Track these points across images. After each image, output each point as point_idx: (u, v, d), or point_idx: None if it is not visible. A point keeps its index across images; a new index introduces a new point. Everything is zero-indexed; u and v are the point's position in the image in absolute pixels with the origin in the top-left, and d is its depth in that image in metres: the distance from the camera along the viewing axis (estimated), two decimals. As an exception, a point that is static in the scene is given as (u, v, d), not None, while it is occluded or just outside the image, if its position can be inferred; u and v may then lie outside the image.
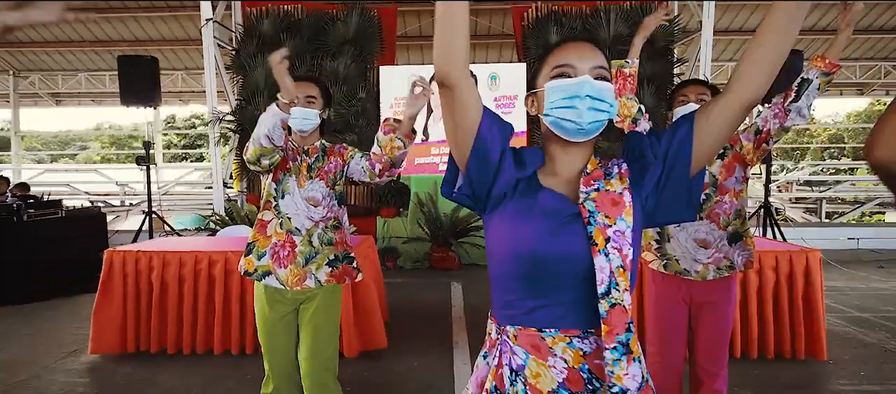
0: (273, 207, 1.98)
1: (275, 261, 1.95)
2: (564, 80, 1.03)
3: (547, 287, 0.98)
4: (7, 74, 11.97)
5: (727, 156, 2.08)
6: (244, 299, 3.56)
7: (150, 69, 6.44)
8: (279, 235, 1.96)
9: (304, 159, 2.02)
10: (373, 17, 7.51)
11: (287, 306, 1.99)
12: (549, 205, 1.00)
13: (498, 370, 1.01)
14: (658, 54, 7.22)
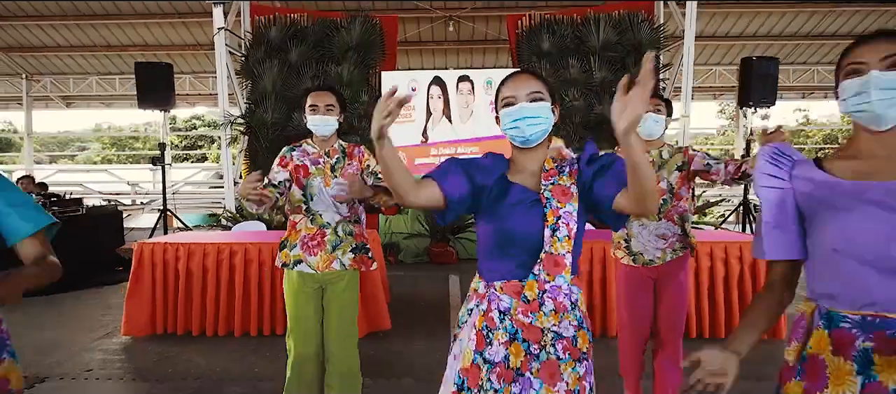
0: (303, 211, 2.33)
1: (305, 250, 2.30)
2: (509, 109, 1.40)
3: (516, 249, 1.37)
4: (20, 77, 12.29)
5: (684, 170, 2.46)
6: (262, 286, 3.92)
7: (165, 75, 6.82)
8: (310, 229, 2.31)
9: (327, 161, 2.35)
10: (375, 25, 7.84)
11: (315, 283, 2.35)
12: (518, 196, 1.39)
13: (487, 313, 1.38)
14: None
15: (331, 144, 2.39)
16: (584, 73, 7.58)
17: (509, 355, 1.34)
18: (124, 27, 10.84)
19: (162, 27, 10.86)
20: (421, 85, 7.73)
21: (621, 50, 7.56)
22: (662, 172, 2.47)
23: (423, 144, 7.67)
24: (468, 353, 1.37)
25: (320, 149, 2.38)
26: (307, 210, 2.32)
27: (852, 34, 11.13)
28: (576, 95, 7.57)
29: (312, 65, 7.68)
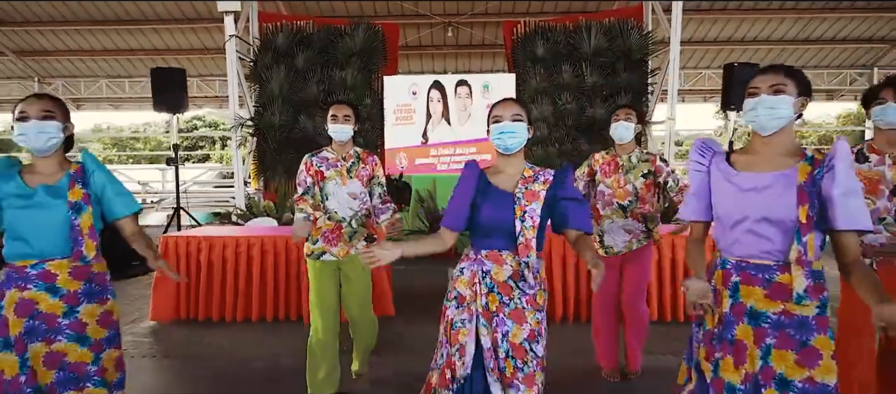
0: (322, 209, 2.73)
1: (326, 242, 2.71)
2: (497, 125, 1.86)
3: (496, 233, 1.86)
4: (32, 80, 12.63)
5: (649, 178, 2.87)
6: (277, 275, 4.26)
7: (179, 79, 7.15)
8: (328, 225, 2.72)
9: (344, 164, 2.74)
10: (377, 32, 8.18)
11: (335, 267, 2.77)
12: (495, 195, 1.87)
13: (475, 275, 1.86)
14: (634, 65, 7.94)
15: (347, 149, 2.78)
16: (577, 78, 7.93)
17: (488, 303, 1.84)
18: (134, 33, 11.19)
19: (171, 33, 11.21)
20: (421, 89, 8.08)
21: (612, 56, 7.90)
22: (629, 175, 2.89)
23: (423, 144, 8.02)
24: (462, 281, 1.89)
25: (338, 154, 2.76)
26: (324, 209, 2.72)
27: (836, 38, 11.53)
28: (569, 99, 7.92)
29: (318, 70, 8.02)
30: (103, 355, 1.87)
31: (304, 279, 4.22)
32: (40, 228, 1.76)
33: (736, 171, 1.61)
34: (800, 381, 1.46)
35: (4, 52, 11.66)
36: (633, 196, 2.88)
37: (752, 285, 1.55)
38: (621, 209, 2.91)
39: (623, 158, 2.91)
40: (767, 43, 11.64)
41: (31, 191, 1.76)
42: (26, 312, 1.74)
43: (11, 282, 1.76)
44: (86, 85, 12.92)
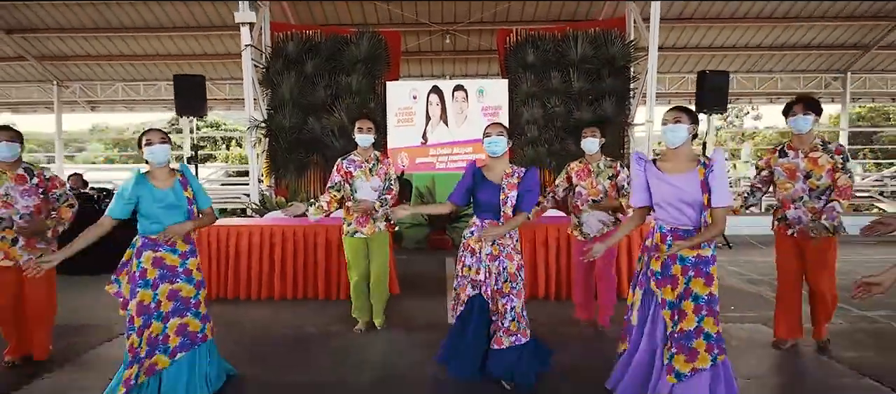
0: (352, 199, 3.56)
1: (358, 224, 3.63)
2: (487, 138, 2.79)
3: (489, 209, 2.64)
4: (51, 83, 13.15)
5: (613, 180, 3.60)
6: (296, 258, 4.84)
7: (199, 86, 7.71)
8: (362, 215, 3.56)
9: (367, 165, 3.62)
10: (380, 40, 8.75)
11: (364, 241, 3.60)
12: (488, 185, 2.68)
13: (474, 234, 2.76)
14: (618, 71, 8.52)
15: (369, 153, 3.63)
16: (565, 83, 8.51)
17: (492, 250, 2.79)
18: (150, 39, 11.72)
19: (185, 39, 11.75)
20: (421, 93, 8.65)
21: (597, 63, 8.48)
22: (599, 178, 3.68)
23: (422, 145, 8.59)
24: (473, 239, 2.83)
25: (362, 157, 3.61)
26: (354, 199, 3.55)
27: (811, 45, 12.13)
28: (557, 103, 8.51)
29: (325, 76, 8.58)
30: (199, 292, 2.75)
31: (321, 264, 4.83)
32: (171, 216, 2.65)
33: (662, 172, 2.41)
34: (704, 295, 2.36)
35: (26, 57, 12.16)
36: (603, 193, 3.65)
37: (678, 239, 2.40)
38: (594, 204, 3.66)
39: (593, 165, 3.70)
40: (746, 49, 12.23)
41: (163, 193, 2.65)
42: (158, 264, 2.63)
43: (147, 247, 2.64)
44: (102, 88, 13.44)
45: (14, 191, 3.02)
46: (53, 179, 3.21)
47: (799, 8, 10.86)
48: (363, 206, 3.52)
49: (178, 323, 2.64)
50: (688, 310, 2.35)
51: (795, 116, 3.15)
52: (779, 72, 13.12)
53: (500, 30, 9.21)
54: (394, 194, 3.70)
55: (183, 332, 2.64)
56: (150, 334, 2.56)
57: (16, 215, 3.03)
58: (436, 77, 12.31)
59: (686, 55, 12.52)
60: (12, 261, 3.05)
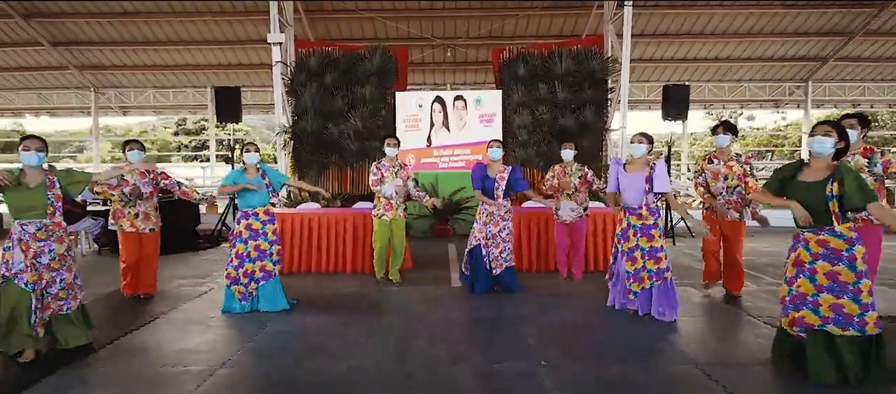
0: (380, 189, 4.73)
1: (384, 210, 4.70)
2: (490, 149, 3.98)
3: (488, 194, 4.05)
4: (89, 90, 14.18)
5: (581, 178, 4.85)
6: (329, 240, 5.89)
7: (236, 96, 8.75)
8: (385, 204, 4.73)
9: (392, 169, 4.76)
10: (390, 56, 9.76)
11: (388, 223, 4.73)
12: (490, 179, 4.10)
13: (484, 212, 4.47)
14: (597, 83, 9.56)
15: (395, 160, 4.88)
16: (551, 94, 9.54)
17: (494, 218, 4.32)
18: (181, 51, 12.78)
19: (213, 52, 12.80)
20: (426, 102, 9.69)
21: (579, 76, 9.51)
22: (571, 178, 4.83)
23: (427, 147, 9.63)
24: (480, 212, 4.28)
25: (390, 163, 4.83)
26: (380, 192, 4.76)
27: (775, 57, 13.18)
28: (544, 111, 9.55)
29: (342, 87, 9.60)
30: (273, 247, 4.20)
31: (350, 243, 5.90)
32: (258, 197, 4.04)
33: (625, 172, 3.71)
34: (646, 247, 3.78)
35: (68, 67, 13.21)
36: (574, 188, 4.95)
37: (633, 216, 3.80)
38: (568, 197, 4.94)
39: (568, 168, 5.03)
40: (716, 61, 13.30)
41: (250, 180, 3.85)
42: (250, 229, 4.05)
43: (244, 217, 4.09)
44: (135, 94, 14.48)
45: (139, 182, 4.11)
46: (163, 173, 4.38)
47: (762, 25, 11.94)
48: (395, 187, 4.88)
49: (260, 265, 4.13)
50: (636, 256, 3.83)
51: (718, 135, 4.31)
52: (747, 81, 14.19)
53: (495, 48, 10.25)
54: (419, 193, 5.14)
55: (263, 269, 4.15)
56: (245, 271, 4.11)
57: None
58: (437, 85, 13.38)
59: (663, 66, 13.57)
60: (135, 228, 4.38)
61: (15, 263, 3.08)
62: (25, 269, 3.08)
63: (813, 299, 2.77)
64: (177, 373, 3.00)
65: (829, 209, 2.68)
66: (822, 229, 2.74)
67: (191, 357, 3.24)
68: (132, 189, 4.33)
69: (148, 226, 4.42)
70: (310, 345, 3.46)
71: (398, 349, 3.38)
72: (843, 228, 2.70)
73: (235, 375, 2.98)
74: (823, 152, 2.72)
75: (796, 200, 2.78)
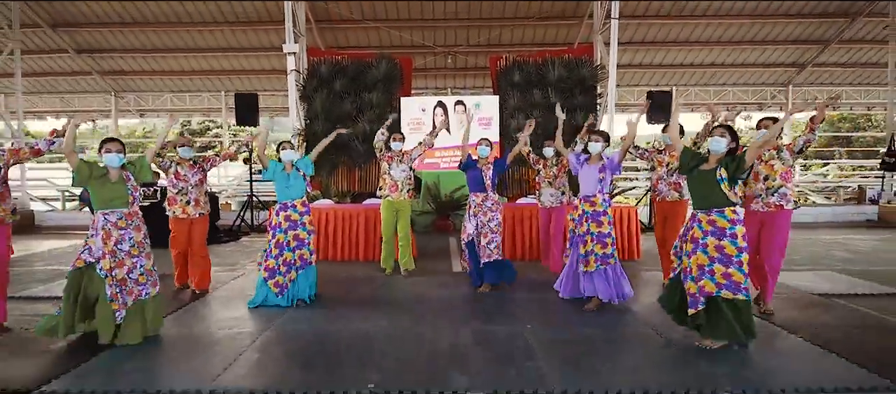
0: (388, 174, 5.29)
1: (391, 191, 5.26)
2: (479, 146, 4.57)
3: (478, 185, 4.55)
4: (109, 94, 14.85)
5: (559, 164, 5.32)
6: (342, 232, 6.56)
7: (253, 101, 9.42)
8: (391, 185, 5.27)
9: (399, 157, 5.32)
10: (396, 64, 10.42)
11: (394, 205, 5.31)
12: (477, 169, 4.56)
13: (473, 203, 4.59)
14: (587, 90, 10.23)
15: (401, 152, 5.39)
16: (544, 99, 10.19)
17: (481, 209, 4.47)
18: (197, 58, 13.44)
19: (227, 58, 13.47)
20: (428, 107, 10.36)
21: (570, 83, 10.17)
22: (552, 169, 5.38)
23: (430, 147, 10.29)
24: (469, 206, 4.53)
25: (396, 154, 5.37)
26: (390, 175, 5.34)
27: (757, 63, 13.84)
28: (538, 115, 10.19)
29: (351, 93, 10.25)
30: (310, 237, 4.50)
31: (361, 235, 6.58)
32: (293, 189, 4.35)
33: (588, 164, 4.16)
34: (595, 232, 4.10)
35: (91, 72, 13.87)
36: (554, 177, 5.51)
37: (587, 203, 4.12)
38: (549, 185, 5.53)
39: (548, 161, 5.60)
40: (701, 67, 13.96)
41: (288, 174, 4.33)
42: (289, 219, 4.31)
43: (282, 208, 4.38)
44: (153, 98, 15.15)
45: (188, 172, 4.73)
46: (205, 158, 4.94)
47: (742, 34, 12.61)
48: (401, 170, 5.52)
49: (299, 253, 4.41)
50: (587, 240, 4.16)
51: (664, 135, 4.96)
52: (731, 85, 14.86)
53: (492, 56, 10.90)
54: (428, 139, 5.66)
55: (302, 258, 4.44)
56: (284, 259, 4.35)
57: (190, 186, 4.74)
58: (439, 89, 14.05)
59: (651, 71, 14.23)
60: (187, 215, 4.76)
61: (96, 249, 3.39)
62: (103, 256, 3.37)
63: (709, 269, 3.27)
64: (233, 334, 3.68)
65: (721, 190, 3.23)
66: (711, 211, 3.29)
67: (241, 323, 3.93)
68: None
69: (198, 211, 4.79)
70: (334, 314, 4.15)
71: (409, 317, 4.07)
72: (728, 212, 3.24)
73: (279, 334, 3.67)
74: (719, 150, 3.28)
75: (695, 185, 3.38)
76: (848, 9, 11.83)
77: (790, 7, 11.79)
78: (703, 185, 3.33)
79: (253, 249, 7.75)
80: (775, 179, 3.95)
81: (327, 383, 2.84)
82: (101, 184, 3.45)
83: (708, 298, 3.28)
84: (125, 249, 3.47)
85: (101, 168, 3.47)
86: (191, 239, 4.85)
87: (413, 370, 3.02)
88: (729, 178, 3.21)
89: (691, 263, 3.34)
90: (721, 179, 3.22)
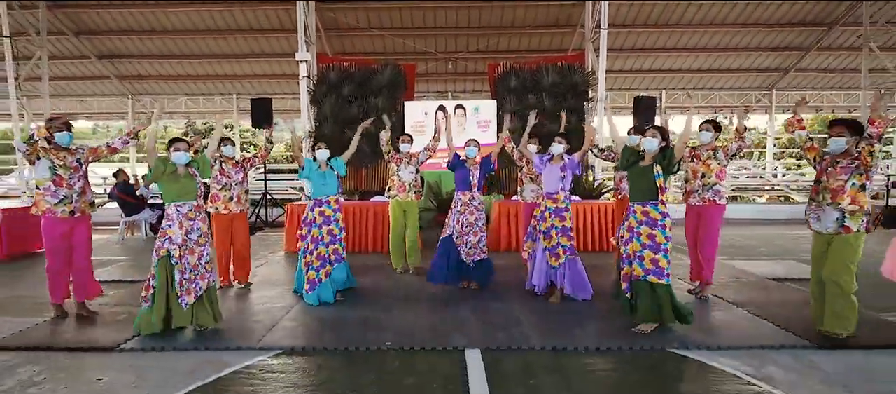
0: (396, 175, 5.76)
1: (399, 192, 5.71)
2: (466, 148, 5.00)
3: (464, 184, 4.98)
4: (126, 97, 15.47)
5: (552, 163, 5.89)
6: (353, 226, 7.20)
7: (268, 105, 10.04)
8: (399, 185, 5.73)
9: (407, 158, 5.76)
10: (400, 70, 11.04)
11: (402, 205, 5.78)
12: (464, 168, 5.00)
13: (458, 201, 5.00)
14: (579, 94, 10.85)
15: (409, 153, 5.83)
16: (539, 103, 10.80)
17: (466, 208, 4.90)
18: (212, 63, 14.07)
19: (240, 64, 14.10)
20: (430, 111, 10.98)
21: (563, 88, 10.78)
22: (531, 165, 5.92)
23: (435, 151, 10.92)
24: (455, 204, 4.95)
25: (404, 156, 5.82)
26: (398, 176, 5.77)
27: (741, 68, 14.45)
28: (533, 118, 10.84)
29: (358, 98, 10.87)
30: (342, 233, 4.74)
31: (370, 229, 7.21)
32: (328, 186, 4.70)
33: (550, 164, 4.63)
34: (559, 226, 4.49)
35: (109, 76, 14.50)
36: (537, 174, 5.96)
37: (550, 200, 4.54)
38: (531, 181, 5.97)
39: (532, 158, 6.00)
40: (689, 72, 14.59)
41: (323, 173, 4.74)
42: (323, 215, 4.65)
43: (316, 205, 4.64)
44: (169, 100, 15.78)
45: (231, 170, 5.29)
46: (250, 159, 5.33)
47: (726, 41, 13.24)
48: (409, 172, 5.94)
49: (332, 248, 4.61)
50: (552, 234, 4.44)
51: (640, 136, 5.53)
52: (718, 89, 15.47)
53: (490, 63, 11.53)
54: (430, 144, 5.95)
55: (335, 253, 4.64)
56: (319, 253, 4.52)
57: (233, 183, 5.21)
58: (440, 93, 14.67)
59: (641, 76, 14.83)
60: (228, 211, 5.12)
61: (176, 238, 3.65)
62: (177, 245, 3.65)
63: (639, 255, 3.68)
64: (268, 308, 4.33)
65: (656, 185, 3.64)
66: (646, 203, 3.70)
67: (273, 300, 4.57)
68: None
69: (239, 207, 5.12)
70: (351, 294, 4.79)
71: (416, 297, 4.71)
72: (660, 205, 3.66)
73: (307, 309, 4.31)
74: (652, 148, 3.71)
75: (634, 179, 3.82)
76: (824, 18, 12.45)
77: (771, 16, 12.41)
78: (641, 179, 3.74)
79: (269, 242, 8.39)
80: (711, 177, 4.49)
81: (352, 341, 3.48)
82: (173, 179, 3.74)
83: (636, 281, 3.70)
84: (194, 238, 3.73)
85: (171, 165, 3.76)
86: (234, 236, 5.14)
87: (421, 333, 3.66)
88: (663, 171, 3.66)
89: (628, 249, 3.77)
90: (657, 175, 3.67)
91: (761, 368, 3.07)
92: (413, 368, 3.10)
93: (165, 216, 3.76)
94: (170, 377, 2.99)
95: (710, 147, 4.50)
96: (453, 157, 5.09)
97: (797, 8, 12.18)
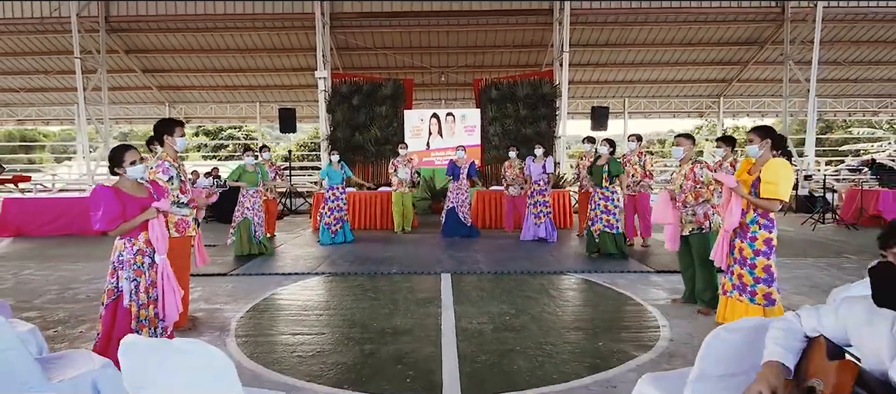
0: (395, 174, 7.75)
1: (398, 186, 7.75)
2: (455, 153, 7.23)
3: (457, 177, 7.23)
4: (164, 105, 17.30)
5: (520, 170, 7.86)
6: (364, 208, 9.07)
7: (292, 114, 11.91)
8: (397, 182, 7.77)
9: (404, 162, 7.75)
10: (400, 84, 12.90)
11: (401, 197, 7.84)
12: (458, 168, 7.28)
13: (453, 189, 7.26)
14: (548, 103, 12.71)
15: (406, 157, 7.74)
16: (516, 111, 12.69)
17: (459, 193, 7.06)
18: (240, 76, 15.91)
19: (263, 75, 15.95)
20: (425, 118, 12.84)
21: (535, 98, 12.65)
22: (516, 169, 7.90)
23: (426, 150, 12.78)
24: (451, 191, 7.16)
25: (402, 159, 7.76)
26: (396, 174, 7.71)
27: (693, 79, 16.32)
28: (510, 124, 12.71)
29: (365, 106, 12.73)
30: (346, 205, 7.21)
31: (378, 211, 9.09)
32: (338, 178, 6.98)
33: (534, 163, 6.83)
34: (541, 201, 6.94)
35: (151, 87, 16.33)
36: (519, 175, 7.91)
37: (536, 185, 6.81)
38: (514, 180, 7.92)
39: (513, 163, 7.98)
40: (647, 82, 16.46)
41: (336, 170, 6.95)
42: (335, 196, 7.06)
43: (330, 188, 7.04)
44: (200, 107, 17.61)
45: (269, 172, 7.24)
46: (278, 167, 7.47)
47: (677, 57, 15.12)
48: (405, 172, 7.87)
49: (339, 215, 7.13)
50: (540, 207, 6.82)
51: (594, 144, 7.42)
52: (674, 97, 17.36)
53: (475, 78, 13.38)
54: (415, 177, 8.08)
55: (342, 219, 7.17)
56: (335, 217, 7.09)
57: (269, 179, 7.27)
58: (434, 102, 16.51)
59: (607, 86, 16.69)
60: (265, 197, 7.29)
61: (247, 208, 6.38)
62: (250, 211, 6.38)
63: (598, 217, 5.95)
64: (310, 253, 6.22)
65: (605, 179, 5.87)
66: (604, 189, 5.93)
67: (313, 252, 6.46)
68: None
69: (272, 195, 7.60)
70: (369, 247, 6.68)
71: (412, 248, 6.61)
72: (608, 191, 5.93)
73: (339, 254, 6.20)
74: (605, 152, 5.94)
75: (595, 174, 5.92)
76: (757, 38, 14.34)
77: (712, 37, 14.28)
78: (598, 175, 5.95)
79: (296, 223, 10.26)
80: (636, 177, 6.63)
81: (371, 269, 5.37)
82: (247, 175, 6.45)
83: (599, 233, 5.96)
84: (256, 208, 6.38)
85: (244, 166, 6.38)
86: (268, 211, 7.49)
87: (416, 265, 5.56)
88: (609, 173, 5.85)
89: (593, 216, 6.02)
90: (605, 171, 5.86)
91: (646, 291, 4.96)
92: (409, 283, 4.98)
93: (238, 203, 6.40)
94: (268, 283, 4.88)
95: (638, 153, 6.68)
96: (449, 165, 7.59)
97: (733, 29, 14.05)
